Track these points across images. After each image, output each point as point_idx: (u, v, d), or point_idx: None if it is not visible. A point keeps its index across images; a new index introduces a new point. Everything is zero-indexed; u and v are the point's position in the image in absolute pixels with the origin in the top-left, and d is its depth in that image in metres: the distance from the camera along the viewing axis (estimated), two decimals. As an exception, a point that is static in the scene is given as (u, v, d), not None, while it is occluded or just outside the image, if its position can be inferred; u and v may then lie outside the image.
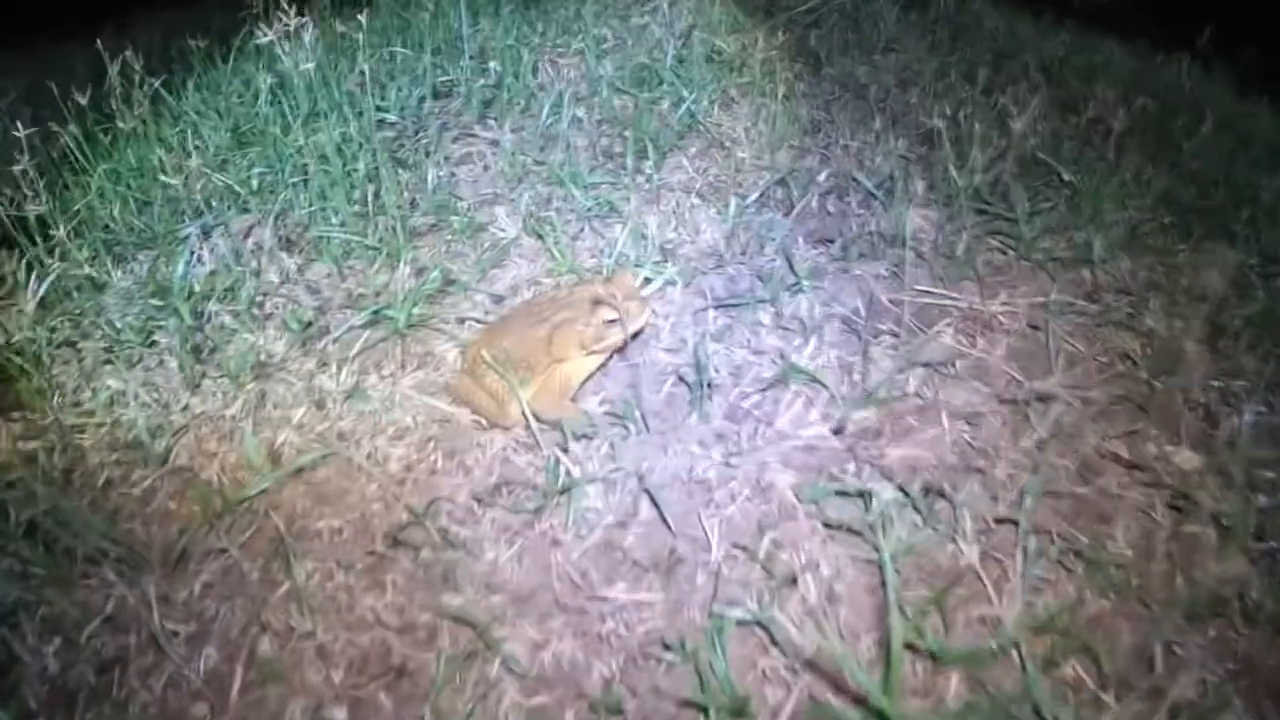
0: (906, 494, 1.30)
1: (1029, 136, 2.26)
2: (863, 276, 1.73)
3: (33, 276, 1.24)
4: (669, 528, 1.27)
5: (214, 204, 1.80)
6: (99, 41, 1.74)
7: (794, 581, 1.22)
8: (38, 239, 1.55)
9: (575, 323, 1.32)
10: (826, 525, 1.29)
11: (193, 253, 1.71)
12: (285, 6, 1.63)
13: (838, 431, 1.40)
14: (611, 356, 1.45)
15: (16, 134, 1.43)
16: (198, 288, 1.68)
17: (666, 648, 1.15)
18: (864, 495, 1.31)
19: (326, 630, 1.19)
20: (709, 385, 1.43)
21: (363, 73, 2.16)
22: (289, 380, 1.52)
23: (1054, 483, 1.32)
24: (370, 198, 1.86)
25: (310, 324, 1.62)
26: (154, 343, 1.64)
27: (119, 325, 1.63)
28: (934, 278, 1.75)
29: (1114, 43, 2.93)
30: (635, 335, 1.39)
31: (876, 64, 2.66)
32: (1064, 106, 2.50)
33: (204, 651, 1.20)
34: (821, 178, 1.93)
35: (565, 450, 1.34)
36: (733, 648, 1.14)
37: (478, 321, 1.61)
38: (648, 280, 1.62)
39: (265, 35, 1.63)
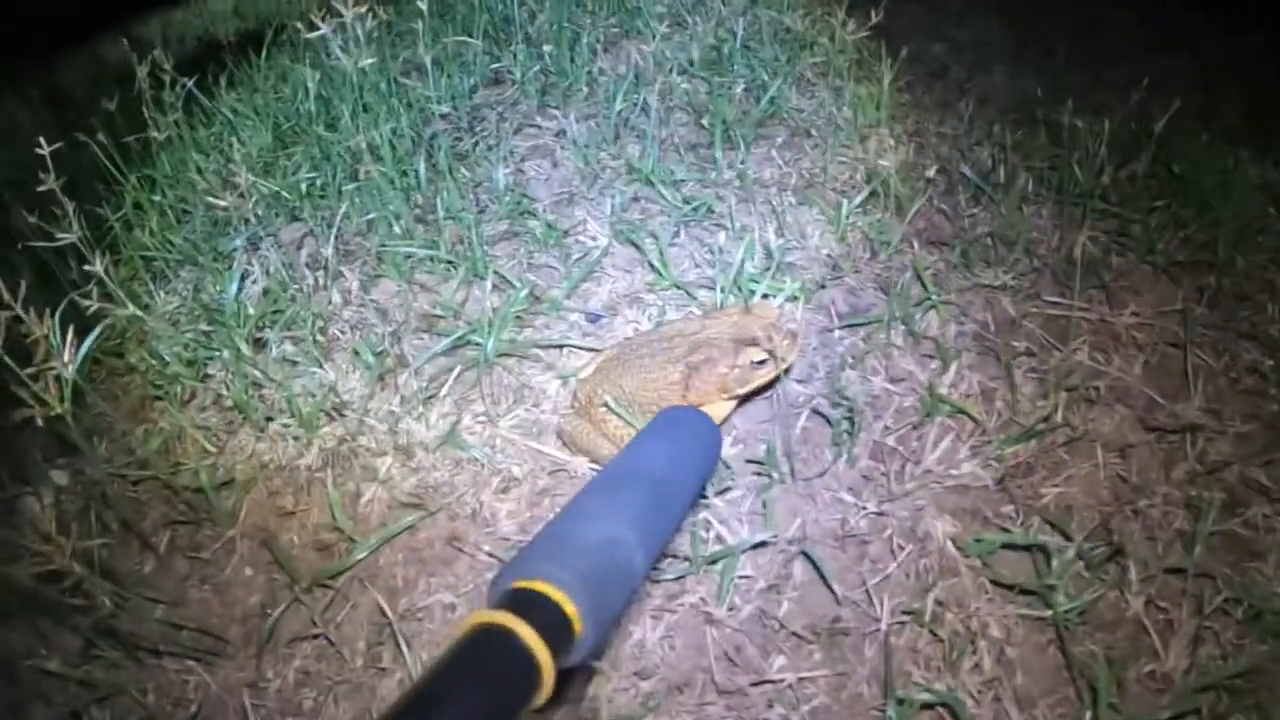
0: (1072, 541, 1.17)
1: (1128, 121, 2.10)
2: (988, 286, 1.58)
3: (69, 336, 1.04)
4: (832, 593, 1.13)
5: (260, 212, 1.58)
6: (125, 41, 1.50)
7: (967, 646, 1.10)
8: (74, 271, 1.34)
9: (716, 364, 1.15)
10: (995, 583, 1.17)
11: (243, 274, 1.50)
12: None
13: (1000, 481, 1.26)
14: (751, 396, 1.28)
15: (41, 151, 1.21)
16: (251, 311, 1.48)
17: (841, 734, 1.01)
18: (1032, 549, 1.19)
19: (452, 727, 1.04)
20: (854, 424, 1.28)
21: (408, 61, 1.97)
22: (369, 423, 1.33)
23: (1206, 518, 1.20)
24: (437, 200, 1.65)
25: (384, 353, 1.42)
26: (207, 376, 1.44)
27: (167, 356, 1.43)
28: (1058, 285, 1.61)
29: (1197, 16, 2.74)
30: (785, 373, 1.22)
31: (953, 40, 2.47)
32: (1153, 87, 2.33)
33: (310, 755, 1.05)
34: (931, 172, 1.75)
35: (706, 506, 1.19)
36: (908, 727, 1.02)
37: (577, 348, 1.43)
38: (765, 297, 1.44)
39: (319, 28, 1.39)
